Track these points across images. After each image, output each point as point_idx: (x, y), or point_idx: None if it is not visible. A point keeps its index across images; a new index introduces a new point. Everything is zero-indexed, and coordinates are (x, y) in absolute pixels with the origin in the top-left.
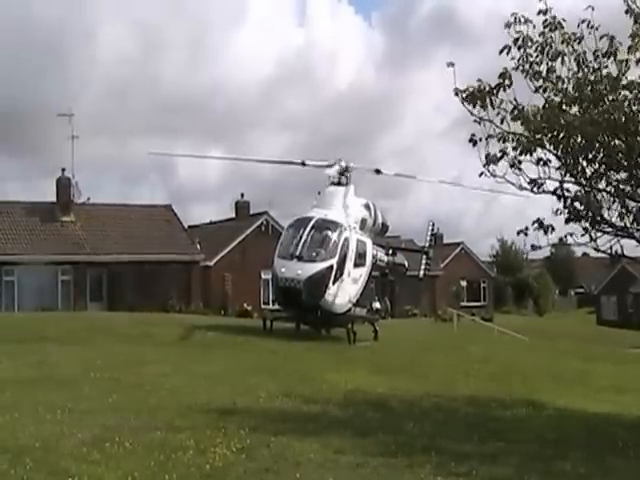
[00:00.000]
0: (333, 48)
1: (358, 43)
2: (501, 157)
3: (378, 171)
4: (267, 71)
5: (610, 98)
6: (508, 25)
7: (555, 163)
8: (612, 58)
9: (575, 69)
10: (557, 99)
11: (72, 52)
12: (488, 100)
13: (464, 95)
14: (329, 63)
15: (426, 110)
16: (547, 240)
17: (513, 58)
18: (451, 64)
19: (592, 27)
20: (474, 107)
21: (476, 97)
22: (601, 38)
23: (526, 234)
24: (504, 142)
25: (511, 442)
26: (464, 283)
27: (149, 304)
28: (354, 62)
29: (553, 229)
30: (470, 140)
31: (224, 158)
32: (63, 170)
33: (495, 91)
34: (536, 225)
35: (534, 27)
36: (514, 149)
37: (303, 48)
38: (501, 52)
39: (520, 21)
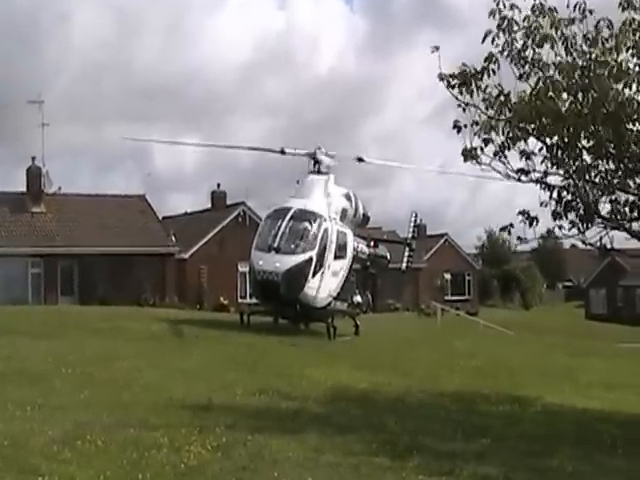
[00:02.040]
0: (314, 32)
1: (340, 27)
2: (486, 145)
3: (360, 159)
4: (246, 55)
5: (600, 85)
6: (492, 13)
7: (540, 154)
8: (602, 43)
9: (563, 54)
10: (544, 86)
11: (44, 36)
12: (474, 85)
13: (449, 80)
14: (310, 47)
15: (410, 95)
16: (534, 232)
17: (497, 45)
18: (436, 48)
19: (584, 11)
20: (460, 93)
21: (462, 81)
22: (597, 23)
23: (509, 232)
24: (490, 130)
25: (497, 439)
26: (448, 276)
27: (122, 298)
28: (336, 46)
29: (538, 221)
30: (454, 126)
31: (200, 144)
32: (33, 159)
33: (480, 75)
34: (521, 217)
35: (520, 12)
36: (505, 135)
37: (283, 32)
38: (484, 39)
39: (505, 6)
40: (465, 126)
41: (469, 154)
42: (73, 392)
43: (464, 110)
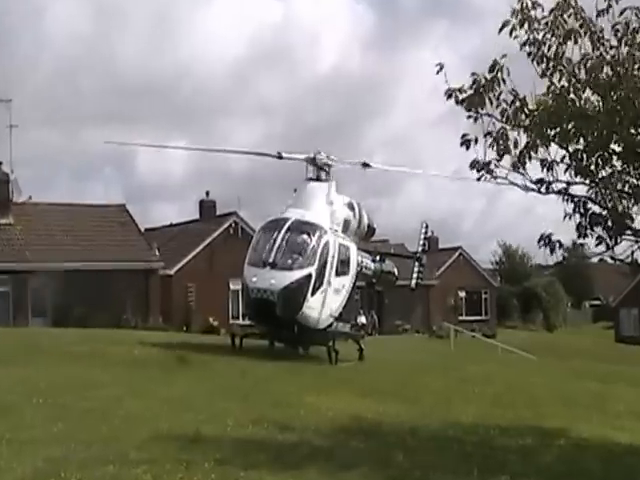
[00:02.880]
0: (315, 25)
1: (343, 19)
2: (501, 157)
3: (365, 164)
4: (239, 51)
5: (630, 81)
6: (515, 14)
7: (563, 163)
8: (632, 35)
9: (589, 49)
10: (566, 84)
11: (15, 29)
12: (486, 97)
13: (458, 95)
14: (310, 42)
15: (420, 95)
16: (555, 258)
17: (517, 37)
18: (440, 67)
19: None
20: (469, 110)
21: (473, 100)
22: (622, 12)
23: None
24: (506, 140)
25: (516, 476)
26: (463, 294)
27: (100, 319)
28: (338, 41)
29: (562, 246)
30: (462, 143)
31: (189, 148)
32: (0, 164)
33: (492, 85)
34: (542, 242)
35: (542, 10)
36: (523, 145)
37: (281, 25)
38: (501, 30)
39: (528, 7)
40: (476, 140)
41: (481, 167)
42: (45, 424)
43: (475, 120)
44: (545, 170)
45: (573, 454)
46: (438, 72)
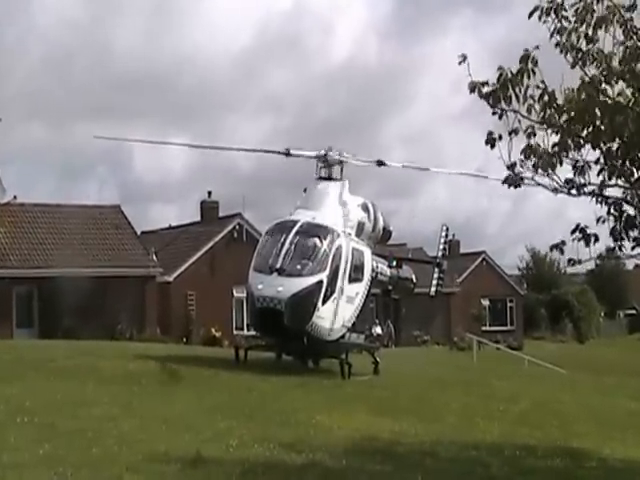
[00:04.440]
0: (327, 13)
1: (358, 7)
2: (527, 157)
3: (381, 162)
4: (246, 41)
5: None
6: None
7: (597, 165)
8: None
9: (622, 38)
10: (598, 75)
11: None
12: (511, 90)
13: (482, 89)
14: (322, 31)
15: (441, 88)
16: (589, 253)
17: (545, 22)
18: (463, 58)
19: None
20: (495, 105)
21: (498, 94)
22: None
23: (562, 251)
24: (533, 136)
25: None
26: (486, 302)
27: (92, 330)
28: (353, 30)
29: (597, 239)
30: (487, 141)
31: (191, 145)
32: None
33: (520, 78)
34: (577, 234)
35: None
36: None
37: (291, 13)
38: (531, 15)
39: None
40: (500, 137)
41: (511, 170)
42: (31, 446)
43: (500, 117)
44: (577, 173)
45: (606, 477)
46: (461, 63)
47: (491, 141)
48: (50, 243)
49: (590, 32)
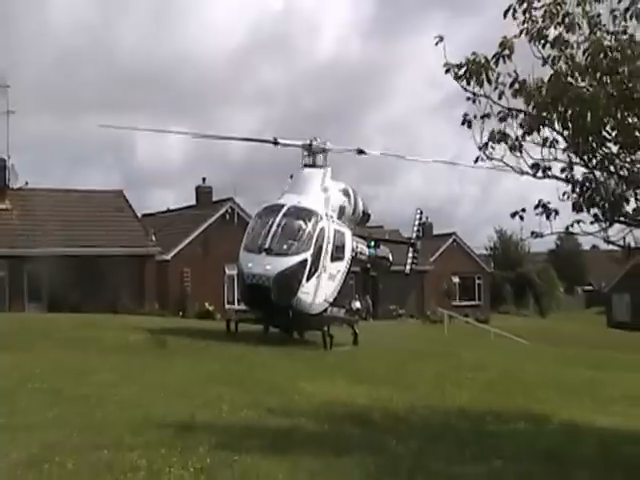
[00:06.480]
0: (314, 13)
1: (343, 8)
2: (500, 139)
3: (361, 151)
4: (239, 39)
5: (628, 67)
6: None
7: (562, 144)
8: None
9: (587, 33)
10: (565, 67)
11: (13, 13)
12: (484, 75)
13: (456, 71)
14: (310, 30)
15: (418, 83)
16: (551, 227)
17: (517, 19)
18: (440, 38)
19: None
20: (468, 84)
21: (471, 72)
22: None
23: (522, 217)
24: (504, 121)
25: (509, 460)
26: (456, 279)
27: (96, 304)
28: (338, 29)
29: (557, 213)
30: (463, 122)
31: (185, 133)
32: None
33: (493, 63)
34: (539, 209)
35: None
36: (520, 126)
37: (281, 13)
38: (506, 14)
39: None
40: (475, 117)
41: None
42: (40, 410)
43: (474, 102)
44: (546, 148)
45: (565, 439)
46: (437, 44)
47: (467, 122)
48: (57, 225)
49: (558, 28)
